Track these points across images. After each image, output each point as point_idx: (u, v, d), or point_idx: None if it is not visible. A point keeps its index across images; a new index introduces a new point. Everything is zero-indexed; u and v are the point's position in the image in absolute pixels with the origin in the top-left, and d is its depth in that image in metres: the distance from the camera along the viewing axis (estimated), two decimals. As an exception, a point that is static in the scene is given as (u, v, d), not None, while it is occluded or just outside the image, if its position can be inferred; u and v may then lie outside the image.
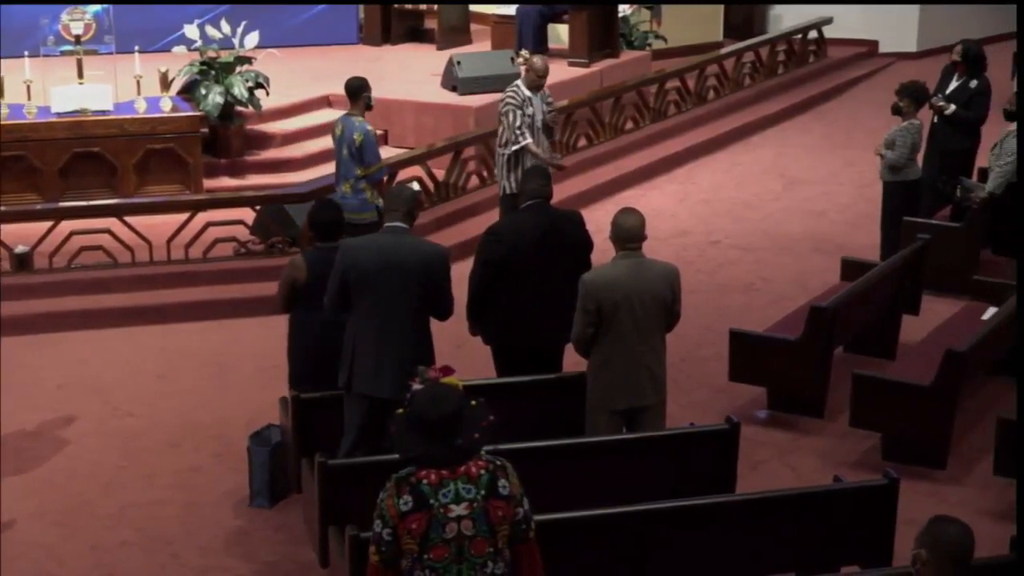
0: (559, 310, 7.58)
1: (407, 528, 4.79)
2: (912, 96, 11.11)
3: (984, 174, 11.58)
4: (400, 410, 4.99)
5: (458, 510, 4.80)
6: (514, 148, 10.72)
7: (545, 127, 10.86)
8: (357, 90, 10.50)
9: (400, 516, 4.79)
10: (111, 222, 11.37)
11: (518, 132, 10.67)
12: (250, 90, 12.98)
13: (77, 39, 12.85)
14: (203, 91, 12.85)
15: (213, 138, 13.11)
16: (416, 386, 5.09)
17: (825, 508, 6.64)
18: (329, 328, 7.67)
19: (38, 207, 11.89)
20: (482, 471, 4.86)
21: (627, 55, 16.29)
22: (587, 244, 8.18)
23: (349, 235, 10.37)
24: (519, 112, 10.67)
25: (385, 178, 10.90)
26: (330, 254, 7.77)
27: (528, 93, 10.80)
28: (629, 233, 7.17)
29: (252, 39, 12.98)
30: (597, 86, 15.18)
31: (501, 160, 10.88)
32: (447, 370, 5.17)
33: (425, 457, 4.84)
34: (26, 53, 12.68)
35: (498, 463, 4.92)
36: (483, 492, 4.83)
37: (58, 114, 12.47)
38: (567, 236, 8.07)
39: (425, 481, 4.81)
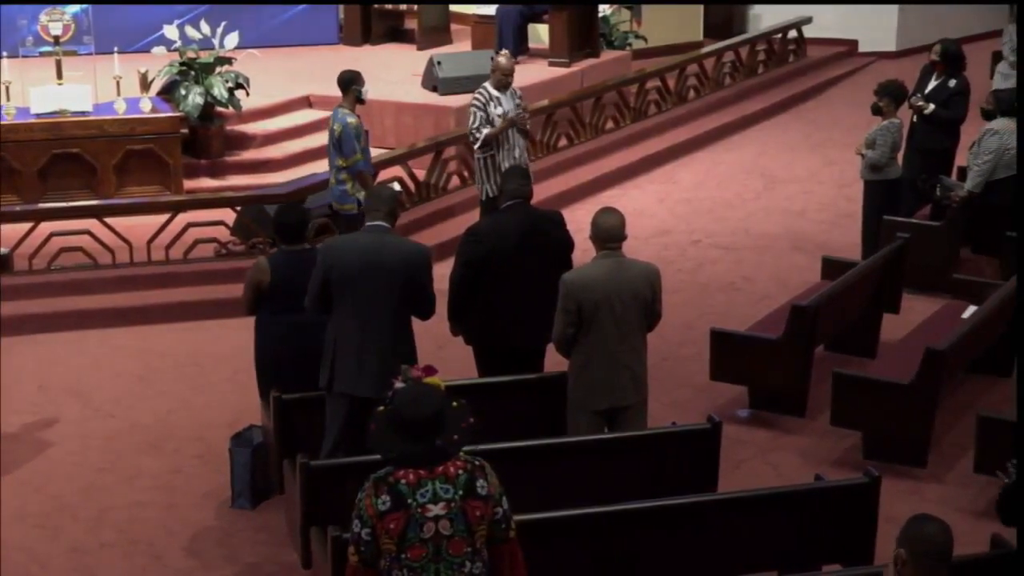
0: (540, 310, 7.57)
1: (385, 528, 4.79)
2: (891, 95, 11.15)
3: (963, 173, 11.62)
4: (381, 408, 4.99)
5: (436, 510, 4.80)
6: (478, 147, 10.74)
7: (517, 127, 10.85)
8: (347, 83, 10.53)
9: (378, 516, 4.79)
10: (91, 223, 11.34)
11: (475, 131, 10.68)
12: (230, 91, 12.95)
13: (56, 40, 12.83)
14: (183, 92, 12.81)
15: (193, 139, 13.09)
16: (399, 384, 5.09)
17: (806, 507, 6.65)
18: (294, 330, 7.67)
19: (17, 208, 11.83)
20: (460, 471, 4.85)
21: (607, 55, 16.30)
22: (568, 244, 8.19)
23: (335, 224, 10.50)
24: (480, 114, 10.66)
25: (368, 171, 10.84)
26: (294, 256, 7.80)
27: (496, 93, 10.76)
28: (609, 233, 7.17)
29: (232, 39, 12.97)
30: (578, 86, 15.18)
31: (479, 165, 10.86)
32: (430, 370, 5.16)
33: (404, 456, 4.83)
34: (4, 54, 12.65)
35: (477, 463, 4.92)
36: (461, 492, 4.82)
37: (37, 115, 12.42)
38: (548, 236, 8.07)
39: (403, 481, 4.80)
